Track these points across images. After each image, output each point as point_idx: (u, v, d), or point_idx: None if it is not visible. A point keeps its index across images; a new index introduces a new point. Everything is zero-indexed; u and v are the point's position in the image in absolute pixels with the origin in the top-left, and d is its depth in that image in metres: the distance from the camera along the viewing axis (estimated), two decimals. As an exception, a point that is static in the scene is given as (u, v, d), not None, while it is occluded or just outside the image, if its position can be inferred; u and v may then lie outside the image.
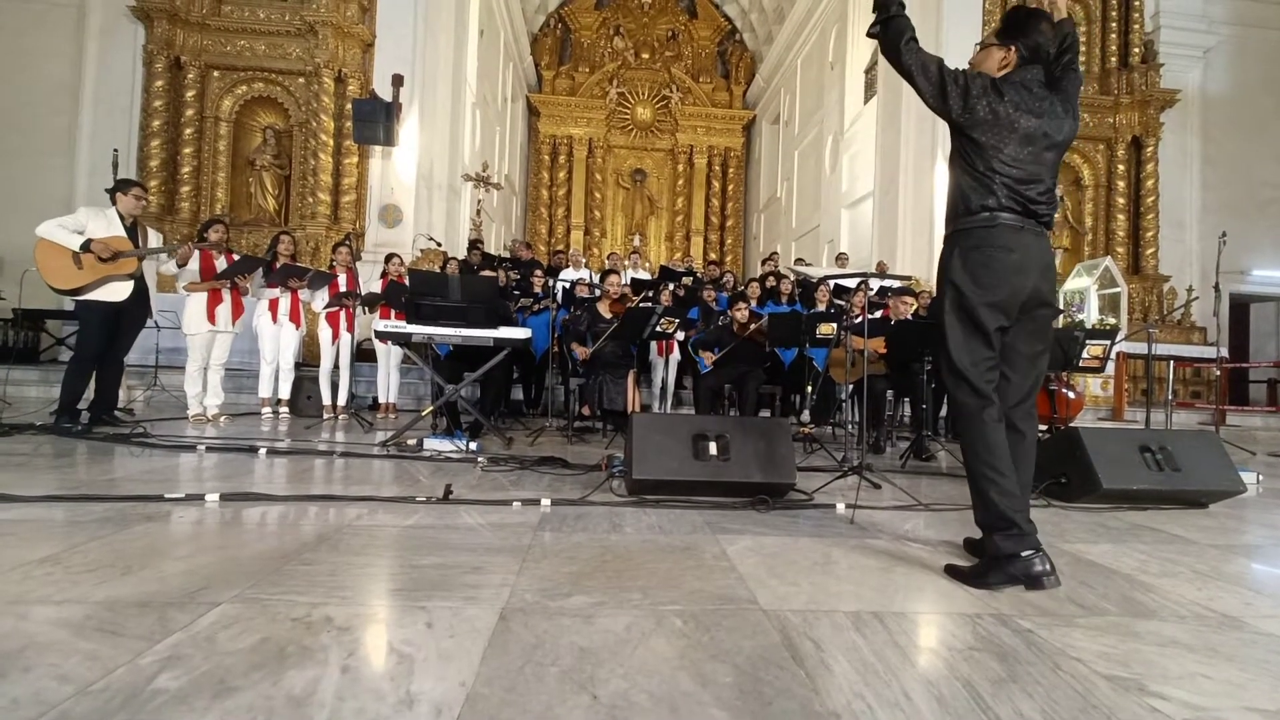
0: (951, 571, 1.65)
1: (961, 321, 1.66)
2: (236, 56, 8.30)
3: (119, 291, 3.91)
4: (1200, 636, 1.29)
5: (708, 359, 4.80)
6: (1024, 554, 1.53)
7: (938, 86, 1.66)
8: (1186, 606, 1.47)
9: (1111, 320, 7.90)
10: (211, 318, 4.51)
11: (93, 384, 4.08)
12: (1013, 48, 1.69)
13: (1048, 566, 1.52)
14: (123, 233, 3.94)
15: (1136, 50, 9.41)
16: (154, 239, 4.20)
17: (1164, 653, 1.21)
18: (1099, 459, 2.55)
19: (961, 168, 1.70)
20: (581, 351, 4.74)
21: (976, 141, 1.65)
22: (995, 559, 1.56)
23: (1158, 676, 1.11)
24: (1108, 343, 4.46)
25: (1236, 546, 2.07)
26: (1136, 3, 9.46)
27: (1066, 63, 1.70)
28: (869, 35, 1.78)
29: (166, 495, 2.14)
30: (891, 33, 1.70)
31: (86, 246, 3.74)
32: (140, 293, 4.05)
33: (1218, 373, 5.89)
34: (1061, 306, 8.00)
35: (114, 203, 3.99)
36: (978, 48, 1.80)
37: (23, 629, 1.12)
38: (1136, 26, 9.45)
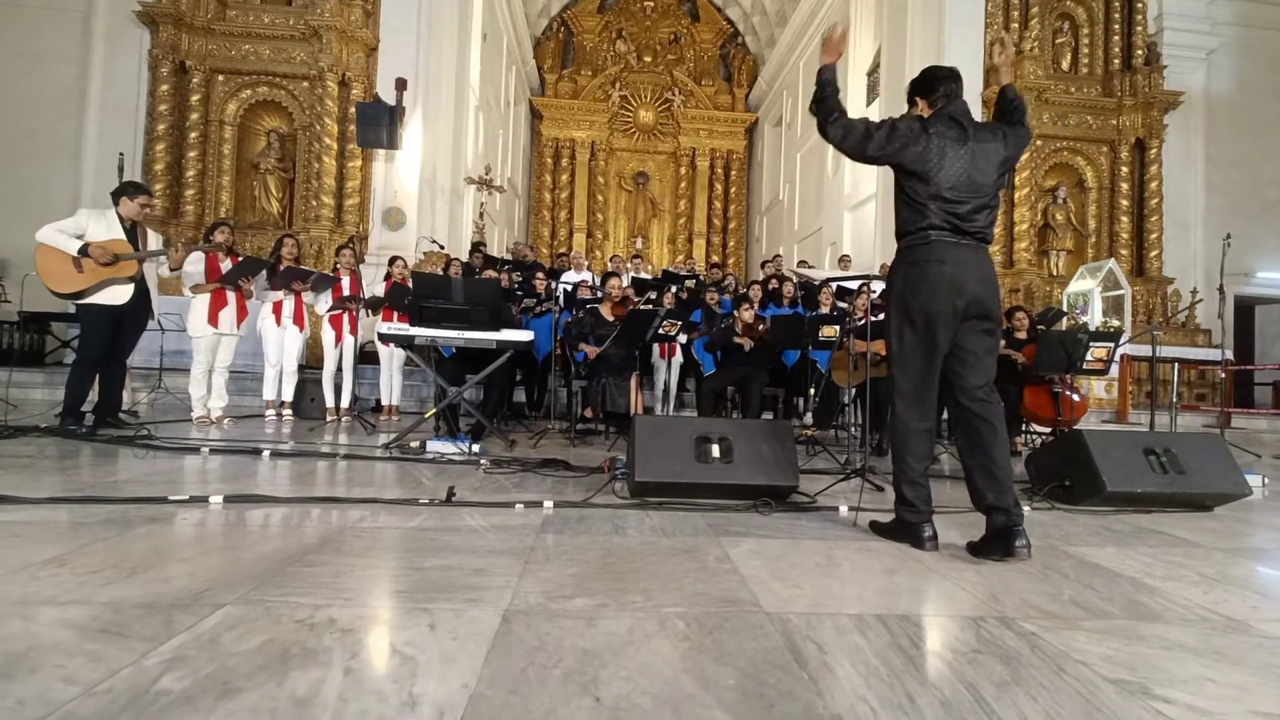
0: (873, 526, 2.09)
1: (905, 333, 1.93)
2: (241, 61, 8.35)
3: (120, 294, 3.92)
4: (1206, 640, 1.29)
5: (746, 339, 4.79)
6: (918, 524, 1.91)
7: (859, 140, 1.94)
8: (1192, 610, 1.46)
9: (1115, 322, 7.88)
10: (214, 320, 4.51)
11: (97, 387, 4.10)
12: (922, 101, 2.02)
13: (931, 534, 1.90)
14: (122, 235, 3.93)
15: (1139, 52, 9.40)
16: (154, 241, 4.19)
17: (1169, 656, 1.20)
18: (1103, 462, 2.54)
19: (900, 197, 1.97)
20: (590, 350, 4.73)
21: (910, 172, 1.91)
22: (898, 523, 1.97)
23: (1163, 680, 1.10)
24: (1111, 345, 4.45)
25: (1242, 550, 2.06)
26: (1139, 5, 9.45)
27: (1014, 122, 2.01)
28: (810, 110, 2.06)
29: (170, 497, 2.15)
30: (821, 112, 2.00)
31: (84, 251, 3.74)
32: (141, 295, 4.05)
33: (1223, 375, 5.87)
34: (1065, 309, 7.99)
35: (116, 204, 3.98)
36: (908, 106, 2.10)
37: (28, 630, 1.13)
38: (1139, 29, 9.44)
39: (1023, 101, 2.07)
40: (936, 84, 1.98)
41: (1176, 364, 6.86)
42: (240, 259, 4.67)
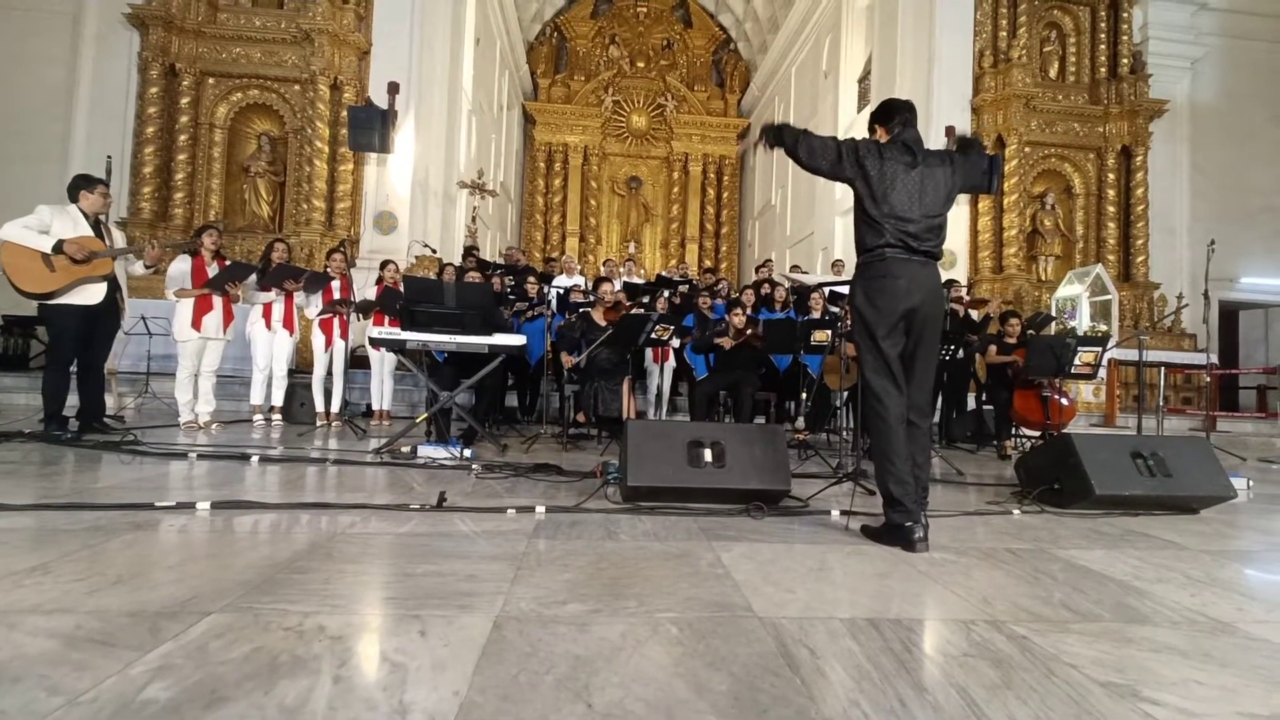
0: (864, 530, 2.13)
1: (866, 341, 2.09)
2: (232, 64, 8.30)
3: (93, 294, 3.79)
4: (1193, 642, 1.30)
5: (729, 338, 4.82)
6: (906, 524, 1.95)
7: (834, 159, 2.11)
8: (1180, 612, 1.48)
9: (1103, 327, 7.97)
10: (198, 325, 4.43)
11: (77, 395, 4.00)
12: (881, 129, 2.19)
13: (921, 535, 1.93)
14: (90, 232, 3.79)
15: (1125, 61, 9.55)
16: (118, 238, 4.09)
17: (1157, 658, 1.21)
18: (1091, 465, 2.57)
19: (859, 215, 2.13)
20: (568, 360, 4.70)
21: (868, 193, 2.07)
22: (889, 526, 2.02)
23: (1151, 682, 1.11)
24: (1099, 349, 4.49)
25: (1229, 552, 2.08)
26: (1125, 15, 9.60)
27: (974, 159, 2.20)
28: (769, 147, 2.24)
29: (157, 503, 2.12)
30: (787, 142, 2.16)
31: (59, 247, 3.60)
32: (113, 294, 3.93)
33: (1208, 379, 5.94)
34: (1053, 314, 8.07)
35: (75, 200, 3.83)
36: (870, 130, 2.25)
37: (12, 639, 1.11)
38: (1125, 38, 9.59)
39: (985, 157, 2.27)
40: (893, 114, 2.18)
41: (1163, 368, 6.94)
42: (227, 263, 4.63)
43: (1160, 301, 9.44)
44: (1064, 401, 4.66)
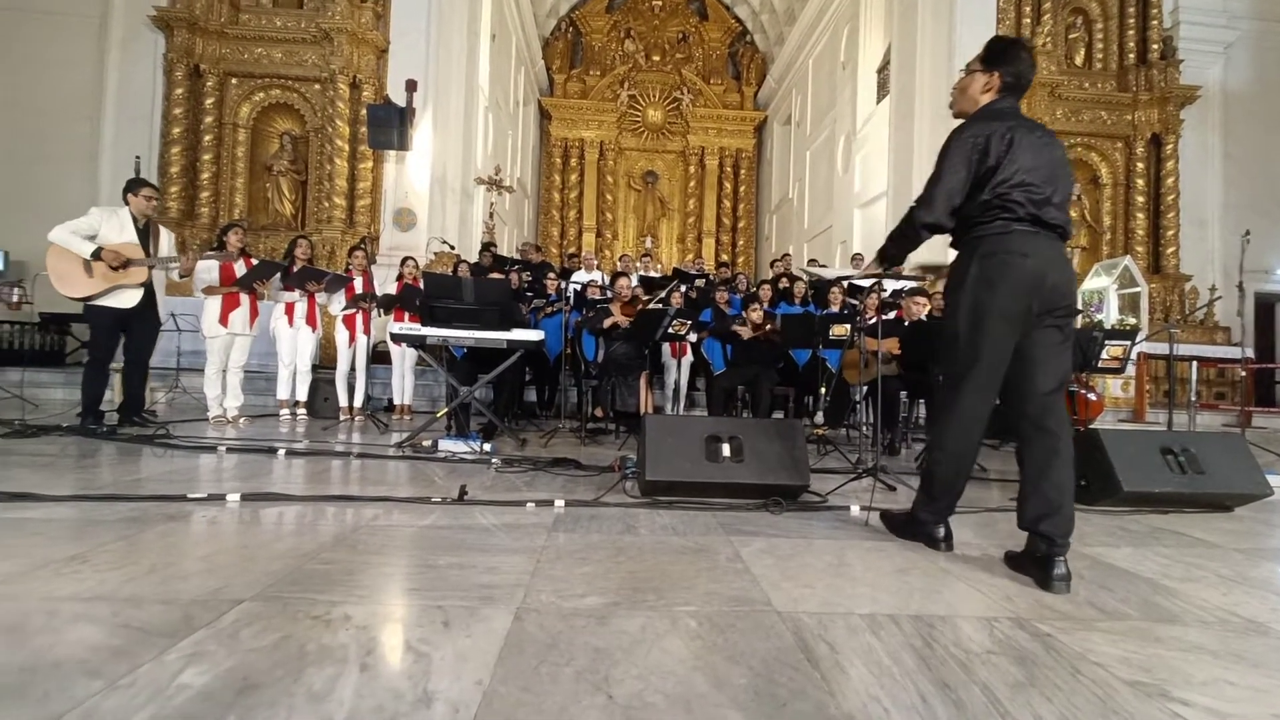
0: (883, 517, 2.07)
1: (970, 331, 1.74)
2: (254, 64, 8.44)
3: (127, 299, 3.95)
4: (1225, 642, 1.27)
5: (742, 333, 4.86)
6: (934, 522, 1.85)
7: (963, 184, 1.76)
8: (1210, 612, 1.45)
9: (1131, 320, 7.77)
10: (225, 321, 4.55)
11: (119, 386, 4.15)
12: (996, 74, 1.81)
13: (946, 533, 1.85)
14: (134, 235, 3.95)
15: (1155, 47, 9.27)
16: (165, 239, 4.21)
17: (1187, 658, 1.19)
18: (1119, 461, 2.51)
19: (981, 189, 1.75)
20: (625, 287, 4.86)
21: (997, 174, 1.72)
22: (912, 518, 1.90)
23: (1181, 682, 1.09)
24: (1128, 343, 4.39)
25: (1263, 551, 2.03)
26: (1155, -2, 9.32)
27: None
28: (894, 267, 2.07)
29: (189, 495, 2.18)
30: (910, 237, 1.90)
31: (98, 254, 3.77)
32: (149, 298, 4.07)
33: (1243, 373, 5.77)
34: (1080, 307, 7.89)
35: (126, 203, 4.00)
36: (962, 73, 1.91)
37: (52, 625, 1.15)
38: (1154, 23, 9.30)
39: None
40: (1013, 56, 1.79)
41: (1195, 362, 6.75)
42: (255, 262, 4.72)
43: (1192, 294, 9.18)
44: (1091, 396, 4.56)
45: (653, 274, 7.70)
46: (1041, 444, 1.68)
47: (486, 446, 3.43)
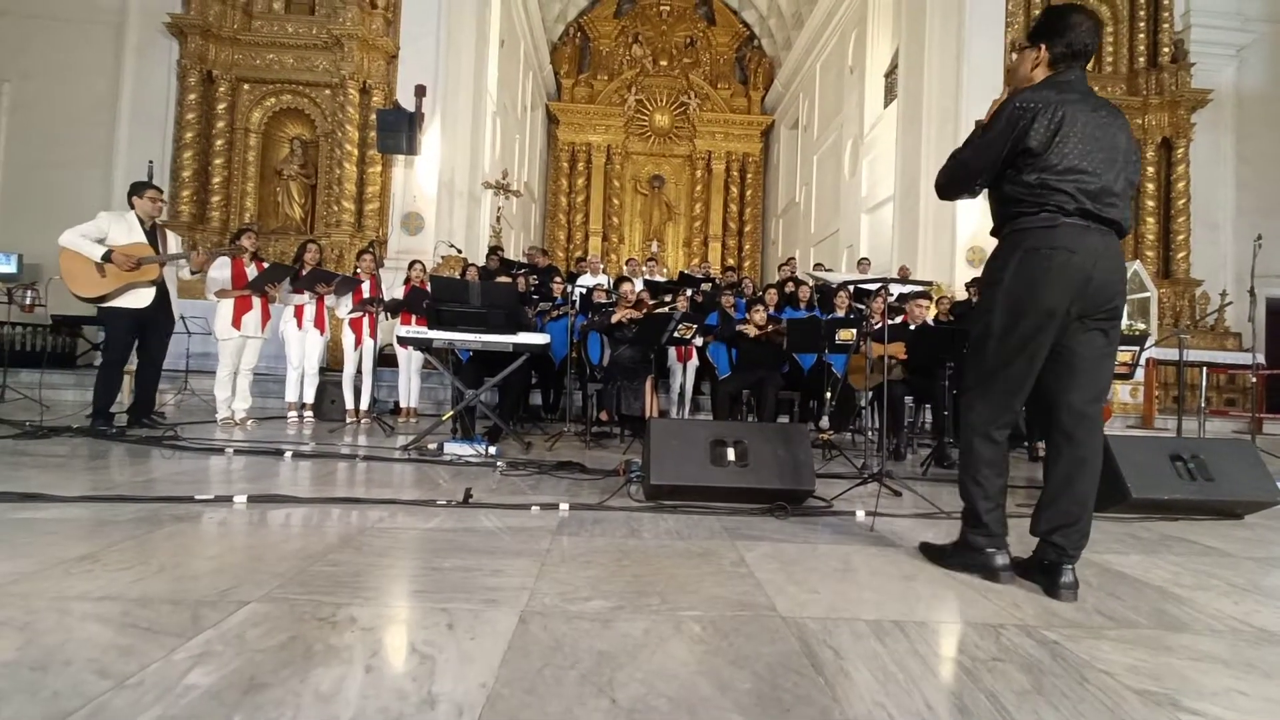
0: (924, 548, 1.84)
1: (1006, 331, 1.60)
2: (266, 70, 8.54)
3: (141, 298, 4.01)
4: (1236, 651, 1.26)
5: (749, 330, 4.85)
6: (988, 550, 1.64)
7: (993, 165, 1.63)
8: (1222, 620, 1.43)
9: (1141, 325, 7.71)
10: (238, 323, 4.60)
11: (131, 388, 4.20)
12: (1042, 46, 1.66)
13: (1006, 561, 1.62)
14: (143, 237, 4.00)
15: (1166, 49, 9.21)
16: (173, 241, 4.26)
17: (1198, 667, 1.18)
18: (1128, 467, 2.49)
19: (1002, 174, 1.65)
20: (629, 292, 4.91)
21: (1043, 158, 1.57)
22: (961, 546, 1.70)
23: (1191, 692, 1.08)
24: (1136, 349, 4.35)
25: (1275, 559, 2.00)
26: (1166, 1, 9.26)
27: None
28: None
29: (197, 496, 2.20)
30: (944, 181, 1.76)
31: (108, 257, 3.82)
32: (163, 297, 4.12)
33: (1254, 380, 5.71)
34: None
35: (132, 206, 4.05)
36: (1013, 55, 1.81)
37: (63, 624, 1.16)
38: (1166, 25, 9.26)
39: None
40: (1059, 26, 1.64)
41: (1205, 368, 6.69)
42: (266, 266, 4.77)
43: (1203, 299, 9.09)
44: (1099, 402, 4.52)
45: (659, 278, 7.71)
46: (1070, 455, 1.60)
47: (492, 450, 3.45)
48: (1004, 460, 1.68)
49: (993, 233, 1.72)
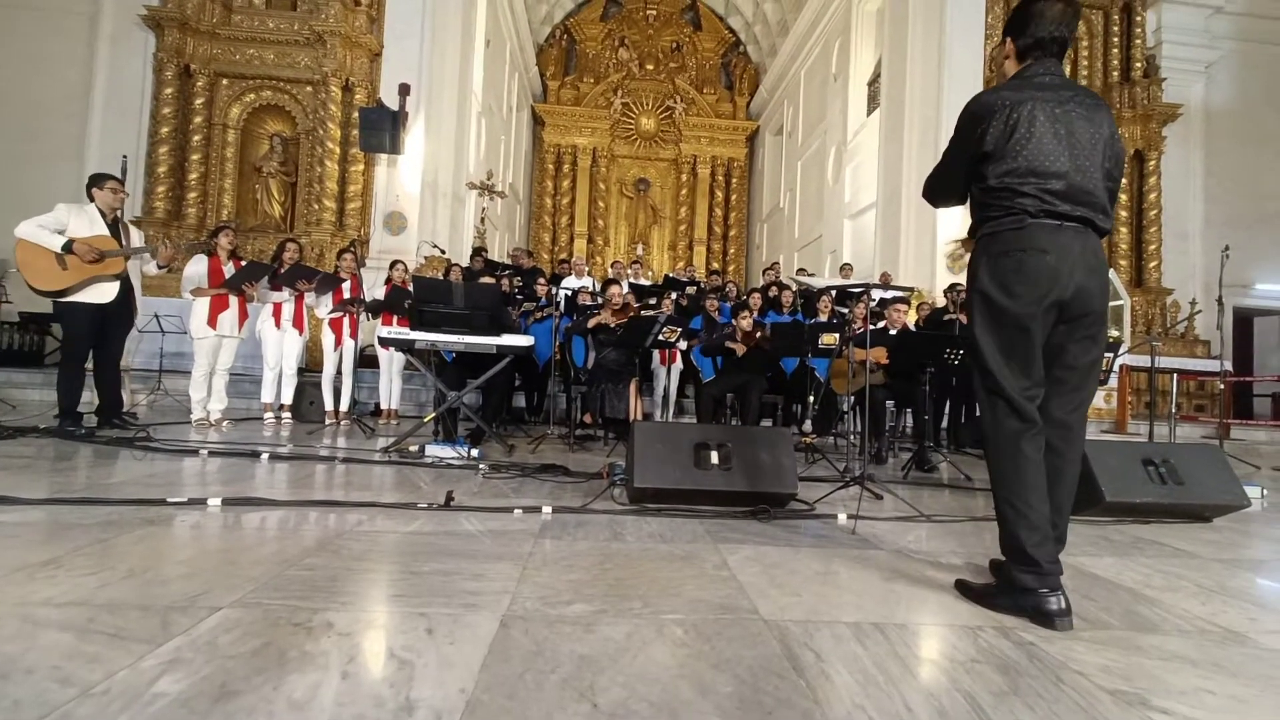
0: (961, 588, 1.59)
1: (993, 335, 1.53)
2: (245, 65, 8.39)
3: (105, 293, 3.84)
4: (1204, 651, 1.29)
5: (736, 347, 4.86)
6: (1040, 590, 1.42)
7: (962, 170, 1.62)
8: (1190, 621, 1.46)
9: (1114, 332, 7.89)
10: (214, 323, 4.49)
11: (95, 390, 4.06)
12: (1008, 40, 1.64)
13: (1063, 605, 1.39)
14: (105, 230, 3.84)
15: (1138, 65, 9.49)
16: (135, 237, 4.13)
17: (1167, 667, 1.20)
18: (1101, 471, 2.54)
19: (979, 181, 1.60)
20: (616, 295, 4.91)
21: (990, 144, 1.54)
22: (1009, 587, 1.47)
23: (1161, 691, 1.10)
24: (1110, 355, 4.46)
25: (1241, 561, 2.06)
26: (1139, 18, 9.54)
27: None
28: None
29: (169, 499, 2.15)
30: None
31: (69, 248, 3.65)
32: (126, 293, 3.97)
33: (1222, 386, 5.87)
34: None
35: (91, 199, 3.89)
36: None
37: (25, 631, 1.12)
38: (1138, 42, 9.53)
39: None
40: (1026, 19, 1.59)
41: (1175, 375, 6.86)
42: (244, 264, 4.67)
43: (1173, 307, 9.35)
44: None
45: (644, 281, 7.71)
46: (1050, 463, 1.53)
47: (474, 452, 3.41)
48: (1042, 478, 1.49)
49: (968, 236, 1.73)
